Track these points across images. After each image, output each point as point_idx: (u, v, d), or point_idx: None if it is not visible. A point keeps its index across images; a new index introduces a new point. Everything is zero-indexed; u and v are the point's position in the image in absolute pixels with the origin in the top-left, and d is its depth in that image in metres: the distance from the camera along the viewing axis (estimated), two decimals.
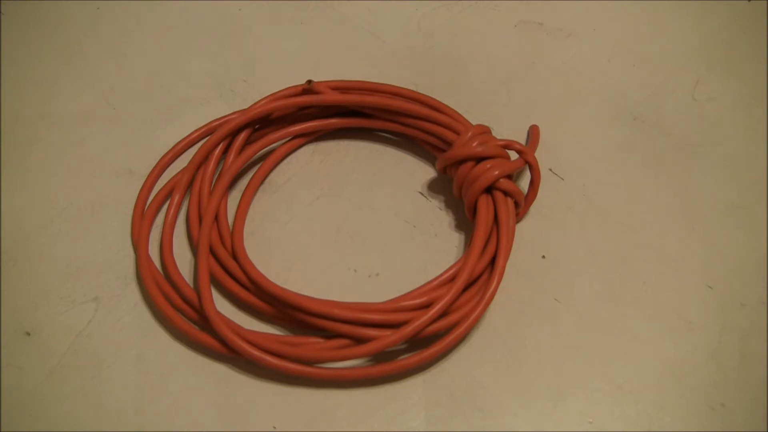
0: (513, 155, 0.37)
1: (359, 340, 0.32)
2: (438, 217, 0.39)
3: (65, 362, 0.33)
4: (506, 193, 0.36)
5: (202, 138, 0.41)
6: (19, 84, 0.44)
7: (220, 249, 0.36)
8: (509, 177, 0.36)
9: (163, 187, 0.39)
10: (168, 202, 0.38)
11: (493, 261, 0.35)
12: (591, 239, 0.38)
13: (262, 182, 0.40)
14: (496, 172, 0.35)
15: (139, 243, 0.36)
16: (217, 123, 0.42)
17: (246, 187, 0.39)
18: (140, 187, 0.39)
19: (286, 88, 0.41)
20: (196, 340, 0.33)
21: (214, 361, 0.34)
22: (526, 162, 0.37)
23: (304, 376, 0.32)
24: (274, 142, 0.40)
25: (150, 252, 0.36)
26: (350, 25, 0.48)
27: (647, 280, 0.36)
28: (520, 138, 0.41)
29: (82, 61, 0.46)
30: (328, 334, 0.33)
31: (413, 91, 0.41)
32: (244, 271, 0.34)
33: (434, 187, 0.40)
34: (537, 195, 0.37)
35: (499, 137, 0.37)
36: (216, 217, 0.37)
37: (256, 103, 0.40)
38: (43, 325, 0.34)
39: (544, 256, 0.37)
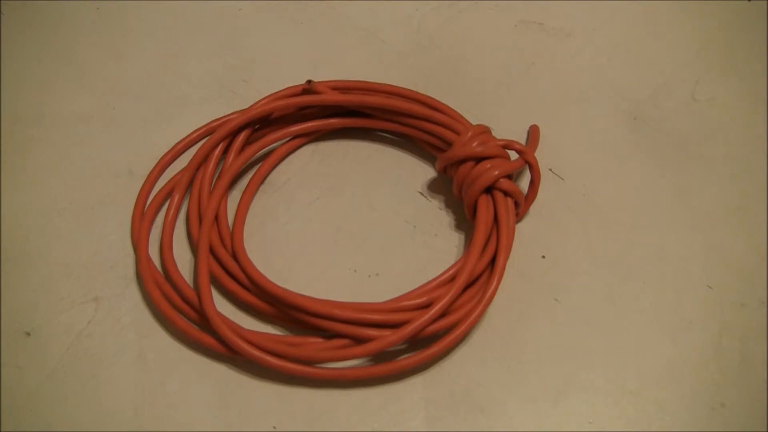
0: (513, 155, 0.37)
1: (359, 340, 0.32)
2: (438, 217, 0.39)
3: (65, 362, 0.33)
4: (506, 193, 0.36)
5: (202, 138, 0.41)
6: (19, 84, 0.44)
7: (220, 249, 0.36)
8: (509, 177, 0.36)
9: (163, 187, 0.39)
10: (168, 202, 0.38)
11: (493, 261, 0.35)
12: (591, 239, 0.38)
13: (262, 182, 0.40)
14: (496, 172, 0.35)
15: (139, 243, 0.36)
16: (217, 123, 0.42)
17: (246, 187, 0.39)
18: (140, 187, 0.39)
19: (286, 88, 0.41)
20: (196, 340, 0.33)
21: (214, 361, 0.34)
22: (526, 162, 0.37)
23: (305, 376, 0.32)
24: (274, 142, 0.40)
25: (150, 252, 0.36)
26: (350, 25, 0.48)
27: (647, 280, 0.36)
28: (520, 138, 0.41)
29: (82, 61, 0.46)
30: (328, 334, 0.33)
31: (413, 91, 0.41)
32: (244, 271, 0.34)
33: (434, 187, 0.40)
34: (537, 195, 0.37)
35: (499, 137, 0.37)
36: (216, 217, 0.37)
37: (256, 103, 0.40)
38: (43, 325, 0.34)
39: (544, 256, 0.37)
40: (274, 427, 0.32)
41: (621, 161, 0.41)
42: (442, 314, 0.33)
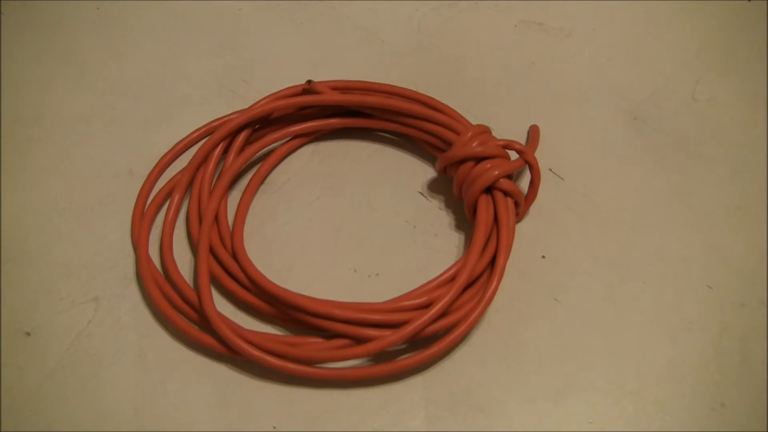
0: (513, 155, 0.37)
1: (359, 340, 0.32)
2: (438, 217, 0.39)
3: (65, 362, 0.33)
4: (506, 193, 0.36)
5: (202, 138, 0.41)
6: (19, 84, 0.44)
7: (220, 249, 0.36)
8: (509, 177, 0.36)
9: (163, 187, 0.39)
10: (168, 202, 0.38)
11: (493, 261, 0.35)
12: (591, 239, 0.38)
13: (262, 182, 0.40)
14: (496, 172, 0.35)
15: (139, 243, 0.36)
16: (217, 123, 0.42)
17: (246, 187, 0.39)
18: (140, 187, 0.39)
19: (286, 88, 0.41)
20: (196, 340, 0.33)
21: (214, 361, 0.34)
22: (526, 162, 0.37)
23: (305, 376, 0.32)
24: (274, 142, 0.40)
25: (150, 252, 0.36)
26: (350, 25, 0.48)
27: (647, 280, 0.36)
28: (520, 138, 0.41)
29: (82, 61, 0.46)
30: (328, 334, 0.33)
31: (413, 91, 0.41)
32: (244, 271, 0.34)
33: (434, 187, 0.40)
34: (537, 195, 0.37)
35: (499, 137, 0.37)
36: (216, 217, 0.37)
37: (256, 103, 0.40)
38: (43, 325, 0.34)
39: (544, 256, 0.37)
40: (274, 427, 0.32)
41: (621, 161, 0.41)
42: (442, 314, 0.33)
